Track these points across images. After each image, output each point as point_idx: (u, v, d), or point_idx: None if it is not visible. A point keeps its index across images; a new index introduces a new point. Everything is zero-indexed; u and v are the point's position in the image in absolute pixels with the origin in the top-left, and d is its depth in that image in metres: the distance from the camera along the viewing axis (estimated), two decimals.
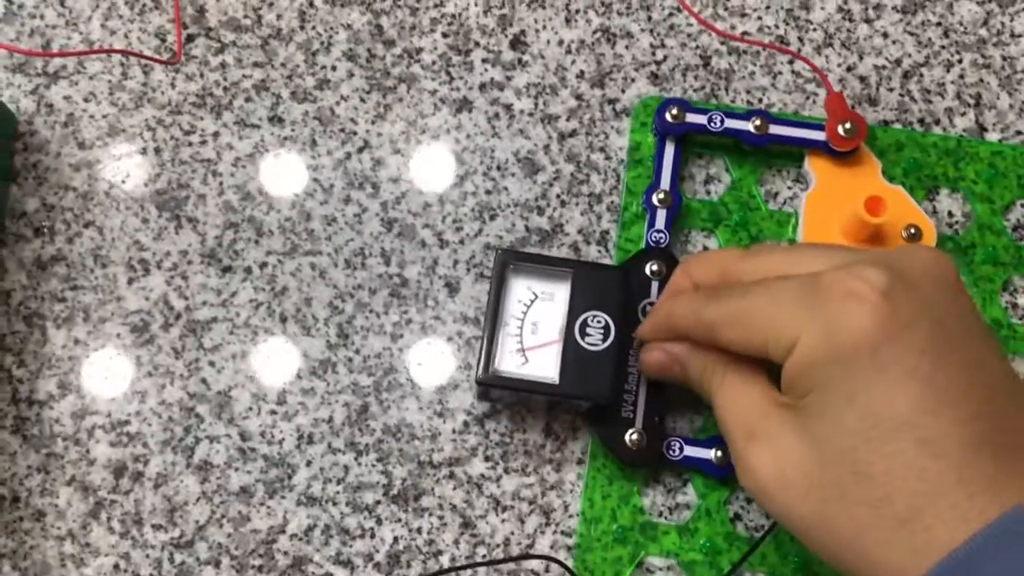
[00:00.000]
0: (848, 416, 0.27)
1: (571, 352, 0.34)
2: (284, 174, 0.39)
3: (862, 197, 0.35)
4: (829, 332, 0.27)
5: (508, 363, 0.34)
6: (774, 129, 0.38)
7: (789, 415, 0.28)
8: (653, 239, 0.37)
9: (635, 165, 0.39)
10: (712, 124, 0.38)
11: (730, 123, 0.38)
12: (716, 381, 0.31)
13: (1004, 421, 0.26)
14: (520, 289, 0.35)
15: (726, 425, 0.31)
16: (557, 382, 0.34)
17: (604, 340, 0.34)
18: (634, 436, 0.35)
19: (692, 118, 0.37)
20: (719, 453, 0.35)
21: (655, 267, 0.36)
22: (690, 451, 0.36)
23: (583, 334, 0.34)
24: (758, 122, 0.37)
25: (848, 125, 0.37)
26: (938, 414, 0.26)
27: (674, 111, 0.37)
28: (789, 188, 0.39)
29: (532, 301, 0.35)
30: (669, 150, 0.38)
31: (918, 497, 0.25)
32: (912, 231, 0.37)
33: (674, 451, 0.36)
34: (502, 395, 0.36)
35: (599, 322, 0.35)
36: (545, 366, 0.34)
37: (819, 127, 0.38)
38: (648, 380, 0.35)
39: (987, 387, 0.27)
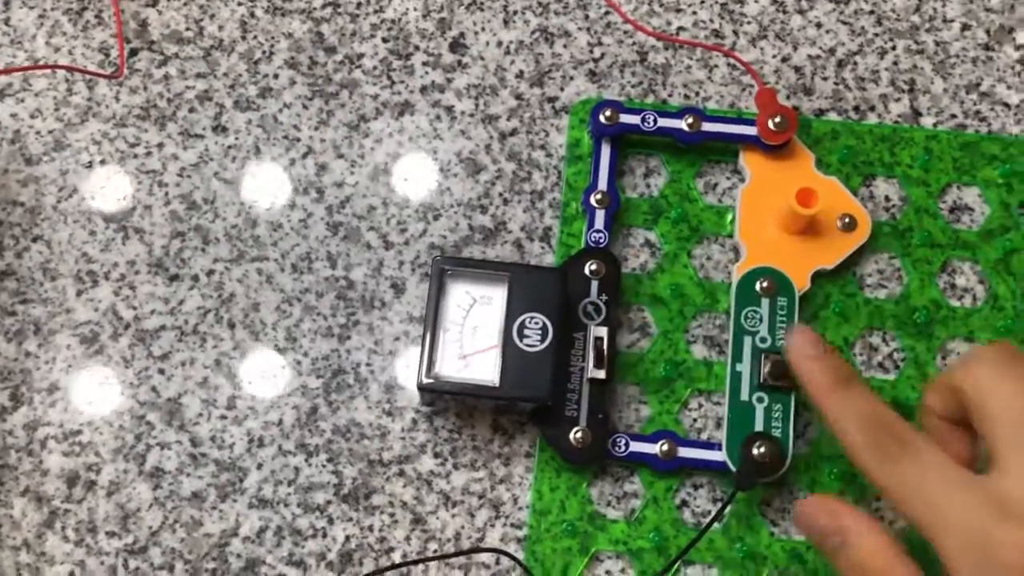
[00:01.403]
0: None
1: (510, 354, 0.35)
2: (229, 182, 0.39)
3: (795, 189, 0.36)
4: None
5: (449, 368, 0.35)
6: (707, 126, 0.38)
7: None
8: (593, 239, 0.38)
9: (574, 162, 0.39)
10: (645, 124, 0.38)
11: (663, 122, 0.38)
12: None
13: None
14: (458, 294, 0.36)
15: None
16: (497, 384, 0.35)
17: (542, 341, 0.35)
18: (578, 434, 0.35)
19: (626, 119, 0.38)
20: (665, 447, 0.36)
21: (594, 267, 0.37)
22: (636, 446, 0.36)
23: (521, 336, 0.35)
24: (691, 120, 0.38)
25: (778, 119, 0.37)
26: None
27: (608, 112, 0.38)
28: (728, 179, 0.40)
29: (471, 305, 0.36)
30: (605, 151, 0.39)
31: None
32: (847, 220, 0.38)
33: (620, 447, 0.36)
34: (442, 399, 0.36)
35: (536, 323, 0.35)
36: (486, 369, 0.35)
37: (751, 122, 0.38)
38: (592, 379, 0.36)
39: None
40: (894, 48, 0.41)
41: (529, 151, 0.40)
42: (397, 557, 0.36)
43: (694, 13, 0.41)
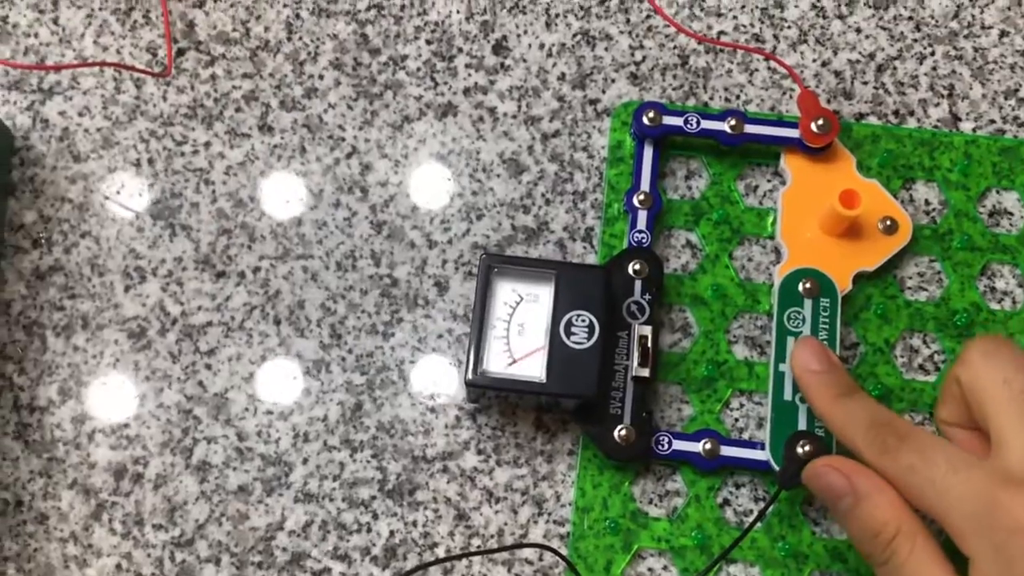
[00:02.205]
0: None
1: (557, 351, 0.35)
2: (275, 181, 0.40)
3: (837, 191, 0.36)
4: (996, 561, 0.27)
5: (496, 364, 0.35)
6: (749, 128, 0.39)
7: None
8: (635, 239, 0.38)
9: (616, 163, 0.40)
10: (688, 125, 0.39)
11: (706, 124, 0.39)
12: (905, 549, 0.29)
13: None
14: (505, 292, 0.36)
15: None
16: (544, 381, 0.35)
17: (589, 338, 0.35)
18: (623, 432, 0.36)
19: (669, 120, 0.39)
20: (708, 446, 0.36)
21: (637, 266, 0.37)
22: (679, 445, 0.36)
23: (568, 333, 0.35)
24: (733, 122, 0.38)
25: (820, 122, 0.38)
26: None
27: (651, 114, 0.38)
28: (769, 181, 0.40)
29: (517, 303, 0.36)
30: (648, 153, 0.39)
31: None
32: (888, 223, 0.38)
33: (663, 446, 0.36)
34: (488, 396, 0.36)
35: (583, 321, 0.35)
36: (532, 366, 0.35)
37: (793, 125, 0.39)
38: (636, 377, 0.36)
39: None
40: (933, 54, 0.42)
41: (571, 152, 0.40)
42: (441, 552, 0.36)
43: (735, 17, 0.42)
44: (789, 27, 0.42)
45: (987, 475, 0.29)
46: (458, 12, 0.42)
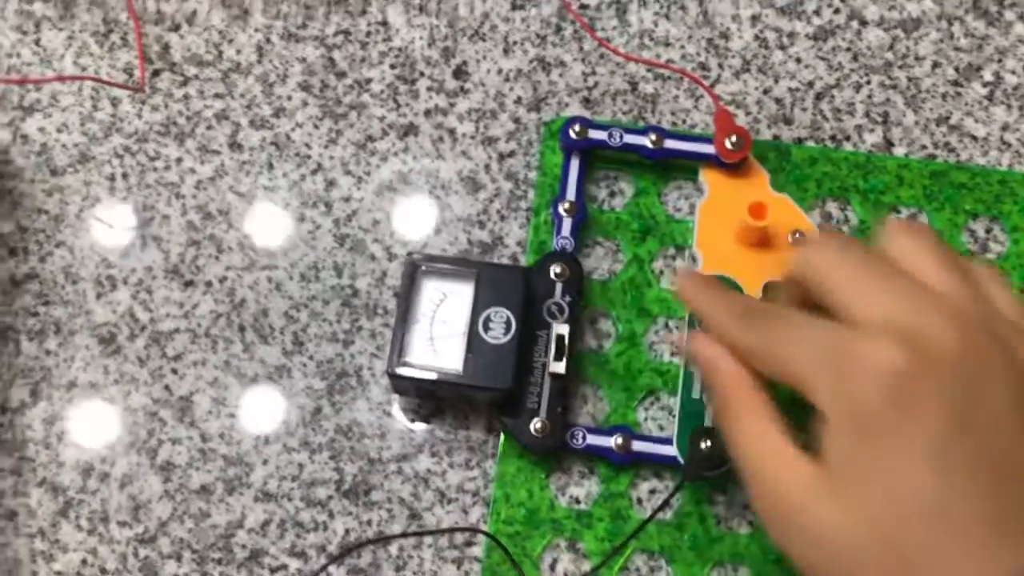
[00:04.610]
0: (872, 493, 0.28)
1: (475, 345, 0.37)
2: (243, 195, 0.42)
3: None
4: (847, 406, 0.28)
5: (417, 358, 0.37)
6: (669, 143, 0.41)
7: (815, 473, 0.29)
8: (559, 245, 0.40)
9: (544, 174, 0.42)
10: (612, 139, 0.41)
11: (629, 138, 0.41)
12: (734, 409, 0.32)
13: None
14: (429, 290, 0.38)
15: (747, 466, 0.32)
16: (462, 373, 0.37)
17: (506, 334, 0.37)
18: (538, 425, 0.38)
19: (594, 134, 0.41)
20: (619, 440, 0.38)
21: (558, 269, 0.39)
22: (592, 439, 0.38)
23: (486, 328, 0.37)
24: (654, 137, 0.41)
25: (734, 139, 0.40)
26: (952, 497, 0.27)
27: (577, 128, 0.41)
28: (688, 196, 0.42)
29: (441, 301, 0.38)
30: (574, 164, 0.41)
31: (938, 570, 0.27)
32: (797, 235, 0.40)
33: (577, 440, 0.38)
34: (412, 388, 0.38)
35: (501, 317, 0.38)
36: (452, 359, 0.37)
37: (711, 141, 0.41)
38: (552, 374, 0.38)
39: (1007, 469, 0.27)
40: (869, 83, 0.44)
41: (525, 171, 0.42)
42: (394, 550, 0.38)
43: (682, 47, 0.44)
44: (733, 56, 0.44)
45: (838, 329, 0.30)
46: (421, 39, 0.44)
